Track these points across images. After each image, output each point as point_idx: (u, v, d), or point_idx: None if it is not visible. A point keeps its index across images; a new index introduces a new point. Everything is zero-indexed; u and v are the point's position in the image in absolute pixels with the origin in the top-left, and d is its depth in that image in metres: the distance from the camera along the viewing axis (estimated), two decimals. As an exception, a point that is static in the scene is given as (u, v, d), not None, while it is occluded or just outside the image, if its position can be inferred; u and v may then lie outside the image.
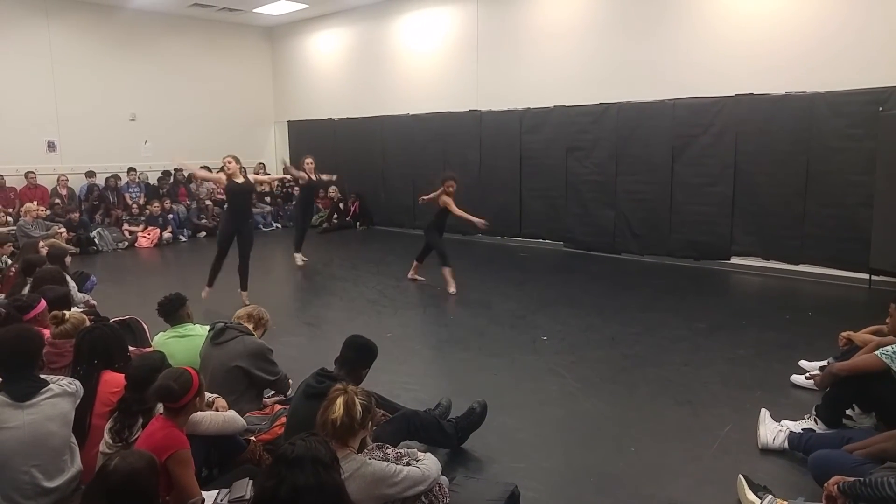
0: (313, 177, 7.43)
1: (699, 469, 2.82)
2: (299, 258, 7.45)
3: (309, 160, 7.43)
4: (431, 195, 6.20)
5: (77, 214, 8.98)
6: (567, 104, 8.08)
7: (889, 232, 5.66)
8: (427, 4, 9.64)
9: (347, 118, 11.09)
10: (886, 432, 2.57)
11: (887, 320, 3.04)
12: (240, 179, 5.49)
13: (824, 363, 3.61)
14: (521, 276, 5.94)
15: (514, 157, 8.71)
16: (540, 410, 3.50)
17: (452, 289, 5.99)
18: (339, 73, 11.23)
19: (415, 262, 6.49)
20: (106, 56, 10.23)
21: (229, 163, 5.45)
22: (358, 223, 10.83)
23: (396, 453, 2.37)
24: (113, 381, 2.54)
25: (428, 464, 2.33)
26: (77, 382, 2.41)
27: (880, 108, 5.79)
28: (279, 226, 11.12)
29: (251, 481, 2.31)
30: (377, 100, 10.50)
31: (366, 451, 2.27)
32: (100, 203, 9.70)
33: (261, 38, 12.28)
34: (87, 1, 9.88)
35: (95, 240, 8.85)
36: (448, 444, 2.96)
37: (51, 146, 9.85)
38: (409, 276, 6.48)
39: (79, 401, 2.38)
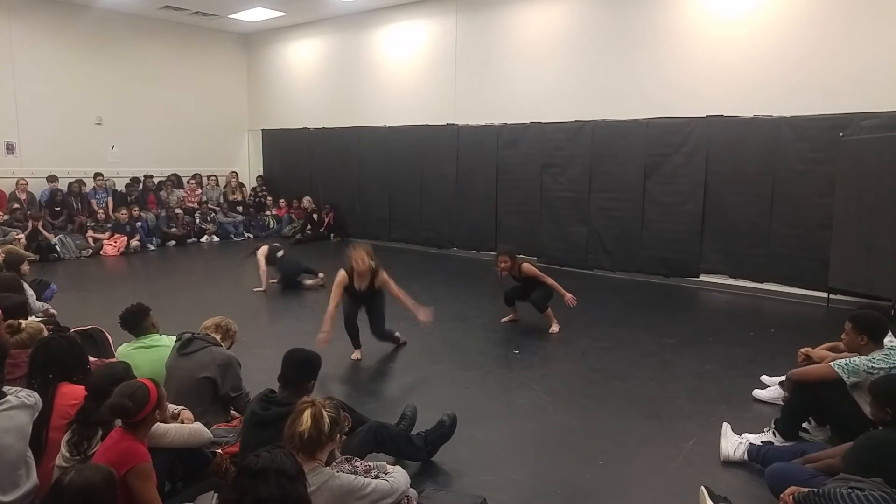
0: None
1: (664, 481, 2.87)
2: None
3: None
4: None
5: (40, 222, 8.64)
6: (543, 121, 8.22)
7: (846, 253, 5.91)
8: (406, 17, 9.72)
9: (323, 128, 11.06)
10: (834, 448, 2.69)
11: (843, 337, 3.17)
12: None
13: (783, 378, 3.73)
14: (495, 289, 5.98)
15: (491, 171, 8.81)
16: (510, 423, 3.51)
17: (555, 328, 5.38)
18: (315, 83, 11.19)
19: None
20: (71, 57, 9.91)
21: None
22: (332, 234, 10.73)
23: (365, 466, 2.35)
24: (71, 394, 2.46)
25: (397, 476, 2.32)
26: (36, 395, 2.32)
27: (840, 134, 6.05)
28: (251, 235, 10.96)
29: (216, 495, 2.25)
30: (354, 110, 10.49)
31: (334, 463, 2.25)
32: (62, 209, 9.40)
33: (236, 44, 12.15)
34: (51, -1, 9.60)
35: (57, 247, 8.55)
36: (417, 457, 2.94)
37: (9, 148, 9.46)
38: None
39: (37, 414, 2.30)
